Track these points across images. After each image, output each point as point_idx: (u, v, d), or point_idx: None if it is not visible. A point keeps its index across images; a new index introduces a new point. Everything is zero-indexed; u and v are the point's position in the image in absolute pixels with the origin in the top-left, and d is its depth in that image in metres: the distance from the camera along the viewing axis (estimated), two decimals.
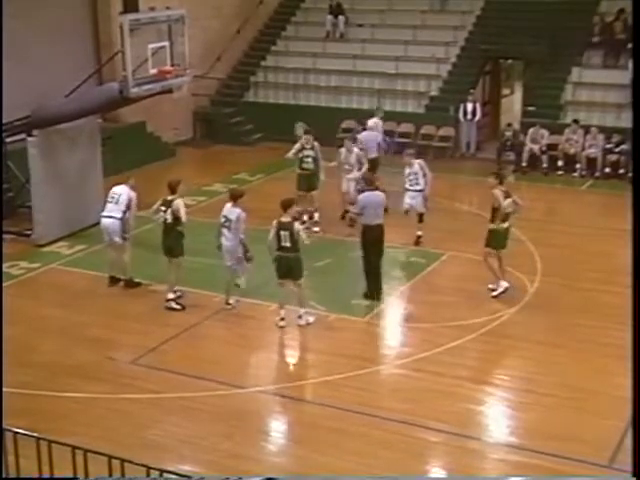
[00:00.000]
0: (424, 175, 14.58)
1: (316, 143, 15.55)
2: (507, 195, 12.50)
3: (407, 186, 14.67)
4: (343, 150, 15.39)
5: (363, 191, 13.05)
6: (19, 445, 6.45)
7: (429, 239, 14.86)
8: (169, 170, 19.08)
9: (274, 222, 11.73)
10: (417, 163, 14.62)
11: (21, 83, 16.80)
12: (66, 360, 10.92)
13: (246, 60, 24.80)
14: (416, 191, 14.60)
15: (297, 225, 11.72)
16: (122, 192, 12.95)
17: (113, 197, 13.00)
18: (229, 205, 12.18)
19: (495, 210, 12.43)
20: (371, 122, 17.66)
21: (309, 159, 15.35)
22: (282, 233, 11.58)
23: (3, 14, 16.22)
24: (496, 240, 12.55)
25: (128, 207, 12.91)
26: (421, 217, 14.81)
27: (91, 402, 9.89)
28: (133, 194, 12.97)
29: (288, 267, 11.71)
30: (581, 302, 12.59)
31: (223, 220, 12.12)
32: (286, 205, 11.73)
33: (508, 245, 12.97)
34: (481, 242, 12.71)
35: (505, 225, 12.55)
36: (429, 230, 14.97)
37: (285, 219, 11.65)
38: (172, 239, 12.37)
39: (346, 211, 15.23)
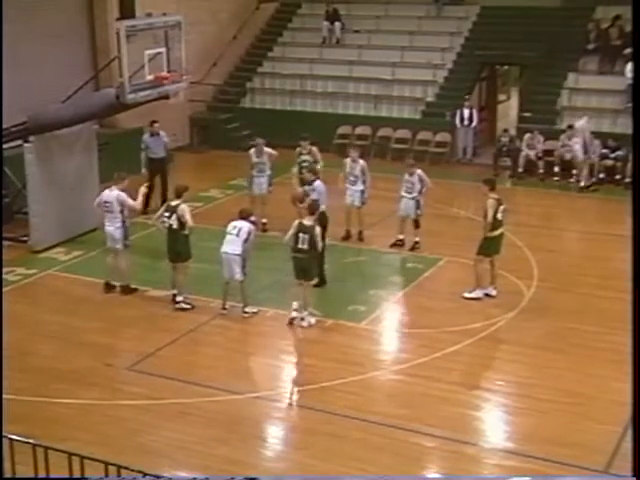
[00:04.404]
0: (423, 186, 14.63)
1: (314, 147, 15.68)
2: (499, 203, 12.58)
3: (402, 192, 14.73)
4: (348, 160, 15.26)
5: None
6: (15, 452, 6.44)
7: (426, 244, 14.87)
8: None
9: (295, 222, 11.83)
10: (417, 174, 14.66)
11: (18, 88, 16.79)
12: (62, 366, 10.90)
13: (242, 66, 24.83)
14: (409, 198, 14.66)
15: (318, 229, 11.80)
16: (112, 200, 12.91)
17: (107, 206, 12.98)
18: (239, 220, 12.18)
19: (485, 218, 12.53)
20: None
21: (306, 164, 15.46)
22: (301, 235, 11.70)
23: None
24: (487, 248, 12.63)
25: (122, 212, 12.91)
26: (417, 223, 14.86)
27: (87, 408, 9.87)
28: (123, 195, 12.93)
29: (302, 268, 11.83)
30: (578, 307, 12.60)
31: (236, 232, 12.05)
32: (312, 209, 12.02)
33: (505, 250, 13.01)
34: None
35: (497, 232, 12.62)
36: (426, 235, 14.99)
37: (308, 222, 11.78)
38: (180, 244, 12.39)
39: (350, 233, 15.32)
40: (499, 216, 12.58)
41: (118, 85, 14.13)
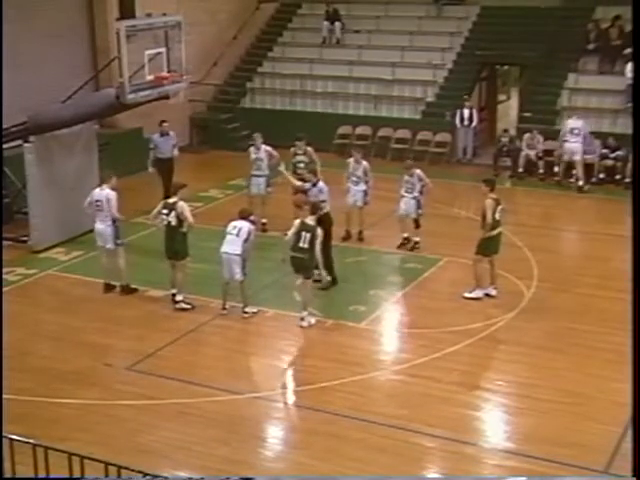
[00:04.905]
0: (423, 185, 14.69)
1: (309, 148, 15.68)
2: (498, 203, 12.60)
3: (402, 192, 14.77)
4: (351, 161, 15.32)
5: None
6: (15, 452, 6.44)
7: (426, 244, 14.88)
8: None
9: (297, 221, 11.90)
10: (416, 173, 14.71)
11: (18, 88, 16.80)
12: (62, 366, 10.90)
13: (243, 66, 24.82)
14: (409, 197, 14.71)
15: (320, 230, 11.83)
16: (103, 198, 12.91)
17: (98, 205, 12.98)
18: (239, 220, 12.18)
19: (483, 219, 12.55)
20: None
21: (302, 165, 15.52)
22: (303, 234, 11.75)
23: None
24: (486, 247, 12.65)
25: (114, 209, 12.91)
26: (417, 223, 14.88)
27: (87, 408, 9.87)
28: (113, 194, 12.92)
29: (299, 266, 11.89)
30: (577, 307, 12.60)
31: (236, 232, 12.06)
32: (314, 208, 12.13)
33: (505, 251, 13.02)
34: None
35: (495, 232, 12.64)
36: (426, 235, 14.99)
37: (310, 222, 11.82)
38: (177, 242, 12.39)
39: (350, 233, 15.37)
40: (497, 216, 12.61)
41: (118, 85, 14.13)
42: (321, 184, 13.71)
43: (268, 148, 15.93)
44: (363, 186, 15.11)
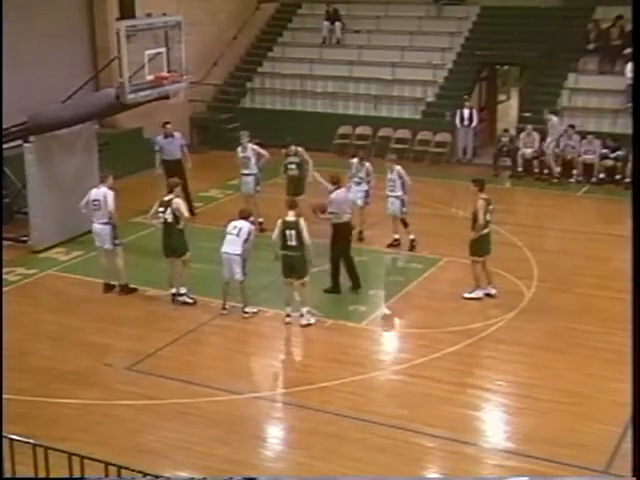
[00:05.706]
0: (402, 183, 14.65)
1: (300, 148, 15.71)
2: (488, 203, 12.60)
3: (387, 192, 14.77)
4: (355, 161, 15.33)
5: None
6: (15, 452, 6.44)
7: (426, 244, 14.88)
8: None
9: (279, 221, 11.82)
10: (396, 170, 14.68)
11: (18, 88, 16.81)
12: (62, 366, 10.91)
13: (243, 66, 24.83)
14: (393, 197, 14.69)
15: (302, 223, 11.78)
16: (100, 197, 12.91)
17: (95, 204, 12.98)
18: (239, 220, 12.16)
19: (474, 220, 12.55)
20: None
21: (293, 165, 15.63)
22: (288, 232, 11.70)
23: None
24: (480, 248, 12.66)
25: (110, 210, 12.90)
26: (404, 222, 14.85)
27: (87, 408, 9.87)
28: (110, 193, 12.92)
29: (292, 265, 11.83)
30: (577, 307, 12.60)
31: (236, 232, 12.05)
32: (291, 205, 12.00)
33: (505, 251, 13.03)
34: None
35: (486, 231, 12.64)
36: (426, 235, 15.00)
37: (290, 218, 11.75)
38: (175, 238, 12.42)
39: (355, 232, 15.25)
40: (487, 216, 12.61)
41: (118, 85, 14.13)
42: (333, 195, 13.15)
43: (255, 147, 15.94)
44: (365, 186, 15.11)
